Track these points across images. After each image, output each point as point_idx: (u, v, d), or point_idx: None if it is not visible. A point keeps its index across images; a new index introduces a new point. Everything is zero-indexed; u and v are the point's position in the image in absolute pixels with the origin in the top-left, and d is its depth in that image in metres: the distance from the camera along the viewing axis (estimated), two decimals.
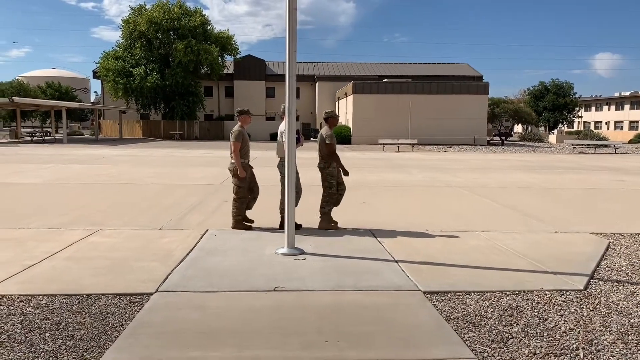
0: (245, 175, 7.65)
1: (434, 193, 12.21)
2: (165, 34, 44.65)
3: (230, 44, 47.48)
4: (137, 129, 47.38)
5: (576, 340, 3.95)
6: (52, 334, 3.95)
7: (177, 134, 45.30)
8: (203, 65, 45.36)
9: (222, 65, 47.73)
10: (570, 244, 7.19)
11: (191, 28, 44.14)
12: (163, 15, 43.54)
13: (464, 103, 40.27)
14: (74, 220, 8.28)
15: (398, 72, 57.51)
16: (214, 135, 46.46)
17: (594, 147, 35.47)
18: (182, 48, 42.62)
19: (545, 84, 65.33)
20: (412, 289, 5.07)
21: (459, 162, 22.24)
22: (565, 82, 64.37)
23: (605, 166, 21.42)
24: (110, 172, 15.91)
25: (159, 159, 21.51)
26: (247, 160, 7.82)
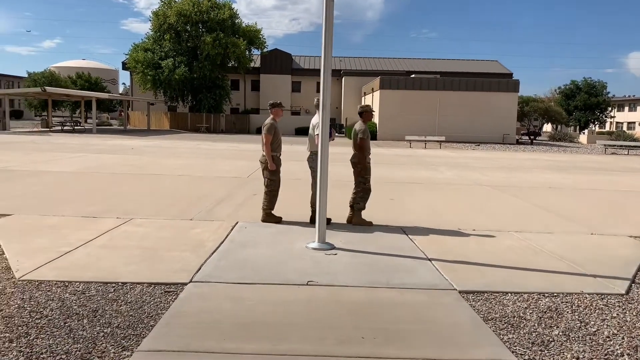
0: (276, 168, 7.62)
1: (464, 191, 12.04)
2: (194, 27, 44.95)
3: (258, 37, 47.59)
4: (164, 121, 47.88)
5: (620, 346, 3.83)
6: (90, 320, 3.98)
7: (204, 127, 45.65)
8: (230, 59, 45.57)
9: (249, 58, 47.87)
10: (607, 246, 7.00)
11: (219, 21, 44.36)
12: (192, 8, 43.82)
13: (493, 101, 39.68)
14: (106, 209, 8.37)
15: (426, 68, 56.96)
16: (239, 128, 46.71)
17: (627, 148, 34.63)
18: (210, 41, 42.87)
19: (577, 83, 64.02)
20: (447, 288, 4.98)
21: (488, 161, 21.92)
22: (598, 81, 63.06)
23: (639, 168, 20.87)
24: (139, 162, 16.09)
25: (186, 151, 21.68)
26: (278, 154, 7.74)
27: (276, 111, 7.80)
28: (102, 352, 3.48)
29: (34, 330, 3.76)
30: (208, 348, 3.52)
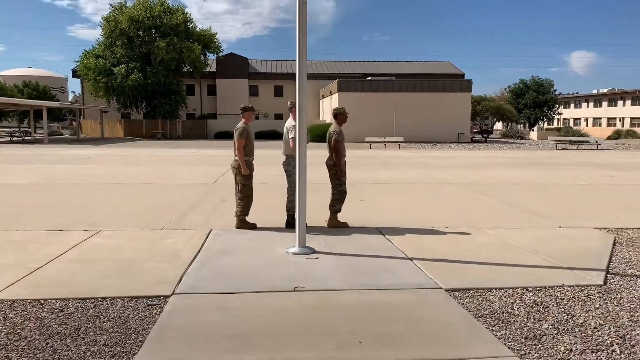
0: (250, 173, 7.49)
1: (430, 190, 12.20)
2: (147, 32, 44.05)
3: (213, 42, 47.04)
4: (118, 129, 46.68)
5: (609, 336, 3.93)
6: (74, 339, 3.79)
7: (160, 134, 44.71)
8: (185, 64, 44.88)
9: (205, 63, 47.30)
10: (577, 239, 7.21)
11: (173, 26, 43.61)
12: (144, 13, 42.92)
13: (448, 101, 40.49)
14: (72, 221, 8.05)
15: (381, 70, 57.61)
16: (197, 134, 45.98)
17: (577, 144, 35.95)
18: (164, 46, 42.11)
19: (525, 82, 66.06)
20: (433, 286, 5.00)
21: (448, 160, 22.32)
22: (545, 79, 65.23)
23: (592, 162, 21.68)
24: (98, 172, 15.59)
25: (145, 159, 21.18)
26: (251, 158, 7.59)
27: (248, 115, 7.61)
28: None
29: (15, 354, 3.55)
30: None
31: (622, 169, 18.16)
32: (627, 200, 10.85)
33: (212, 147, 31.08)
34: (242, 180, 7.50)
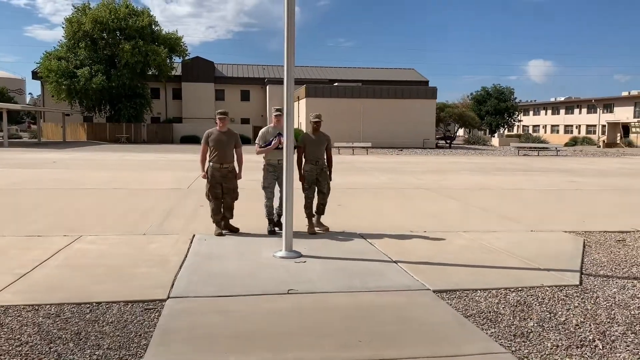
0: (206, 176, 7.56)
1: (403, 195, 12.47)
2: (111, 34, 43.28)
3: (179, 45, 46.63)
4: (81, 132, 45.65)
5: (590, 332, 4.18)
6: (76, 344, 3.81)
7: (124, 137, 43.96)
8: (151, 67, 44.32)
9: (171, 67, 46.81)
10: (549, 241, 7.54)
11: (138, 28, 43.02)
12: (109, 15, 42.21)
13: (413, 107, 41.17)
14: (49, 226, 7.94)
15: (347, 77, 58.09)
16: (162, 138, 45.40)
17: (537, 150, 37.10)
18: (130, 49, 41.50)
19: (487, 89, 67.65)
20: (421, 288, 5.19)
21: (415, 165, 22.75)
22: (506, 87, 66.97)
23: (553, 168, 22.46)
24: (67, 176, 15.30)
25: (114, 163, 20.85)
26: (218, 164, 7.46)
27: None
28: None
29: (19, 359, 3.55)
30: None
31: (583, 175, 18.89)
32: (591, 205, 11.35)
33: (180, 151, 30.80)
34: (206, 184, 7.64)
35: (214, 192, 7.54)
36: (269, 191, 7.63)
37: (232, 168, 7.62)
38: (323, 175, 7.85)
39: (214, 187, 7.52)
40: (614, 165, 25.31)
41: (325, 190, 7.90)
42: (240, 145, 7.77)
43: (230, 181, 7.59)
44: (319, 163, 7.79)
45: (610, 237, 7.92)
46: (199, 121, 52.44)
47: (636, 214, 10.11)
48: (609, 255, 6.81)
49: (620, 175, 19.12)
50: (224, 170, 7.49)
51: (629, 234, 8.18)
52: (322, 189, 7.87)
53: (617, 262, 6.44)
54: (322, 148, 7.85)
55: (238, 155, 7.70)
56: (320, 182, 7.85)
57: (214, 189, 7.53)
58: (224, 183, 7.53)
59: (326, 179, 7.91)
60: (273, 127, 7.63)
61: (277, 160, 7.49)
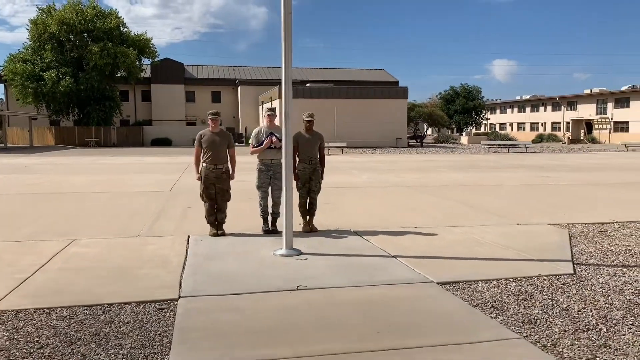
0: (199, 178, 7.59)
1: (387, 193, 12.66)
2: (78, 36, 42.50)
3: (149, 46, 46.09)
4: (48, 137, 44.65)
5: (593, 317, 4.39)
6: (98, 344, 3.81)
7: (93, 141, 43.19)
8: (120, 69, 43.67)
9: (140, 68, 46.19)
10: (537, 234, 7.80)
11: (106, 30, 42.36)
12: (75, 17, 41.43)
13: (386, 107, 41.62)
14: (38, 231, 7.83)
15: (319, 77, 58.21)
16: (132, 141, 44.78)
17: (507, 147, 37.94)
18: (98, 51, 40.81)
19: (455, 89, 68.76)
20: (425, 281, 5.34)
21: (392, 164, 23.04)
22: (473, 86, 68.19)
23: (525, 164, 23.04)
24: (43, 181, 15.00)
25: (88, 167, 20.51)
26: (212, 165, 7.46)
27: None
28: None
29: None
30: (244, 357, 3.54)
31: (554, 171, 19.45)
32: (567, 199, 11.74)
33: (153, 154, 30.43)
34: (228, 187, 7.67)
35: (208, 192, 7.52)
36: (262, 190, 7.66)
37: (226, 169, 7.59)
38: (316, 174, 7.91)
39: (207, 188, 7.51)
40: (582, 160, 26.11)
41: (315, 189, 7.95)
42: (233, 145, 7.76)
43: (224, 182, 7.57)
44: (312, 162, 7.83)
45: (592, 229, 8.23)
46: (169, 123, 51.92)
47: (610, 206, 10.50)
48: (595, 245, 7.09)
49: (589, 170, 19.75)
50: (217, 171, 7.48)
51: (609, 225, 8.51)
52: (312, 187, 7.91)
53: (604, 252, 6.71)
54: (316, 147, 7.90)
55: (231, 156, 7.68)
56: (312, 181, 7.89)
57: (208, 190, 7.51)
58: (217, 184, 7.50)
59: (318, 178, 7.96)
60: (266, 127, 7.68)
61: (271, 160, 7.56)
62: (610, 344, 3.87)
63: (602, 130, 58.65)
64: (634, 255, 6.55)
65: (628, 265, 6.07)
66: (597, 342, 3.89)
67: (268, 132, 7.59)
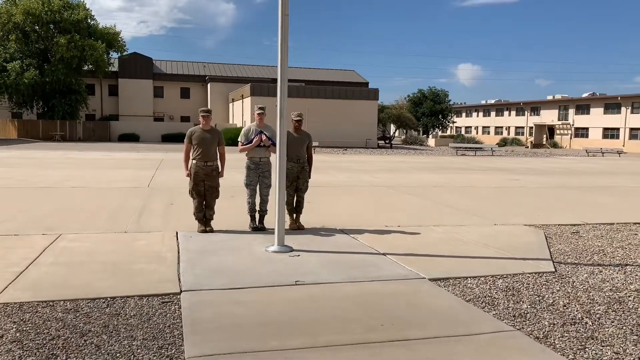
0: (189, 175, 7.57)
1: (367, 192, 12.89)
2: (44, 27, 41.38)
3: (117, 40, 45.27)
4: (10, 130, 43.36)
5: (578, 312, 4.67)
6: (109, 336, 3.87)
7: (58, 135, 42.15)
8: (87, 62, 42.77)
9: (108, 62, 45.30)
10: (515, 234, 8.13)
11: (74, 22, 41.40)
12: (42, 7, 40.32)
13: (357, 108, 42.00)
14: (22, 226, 7.73)
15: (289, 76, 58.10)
16: (99, 136, 43.87)
17: (474, 150, 38.82)
18: (65, 43, 39.86)
19: (423, 92, 69.80)
20: (416, 277, 5.55)
21: (365, 164, 23.33)
22: (441, 90, 69.37)
23: (493, 167, 23.67)
24: (16, 175, 14.67)
25: (58, 162, 20.10)
26: (202, 162, 7.48)
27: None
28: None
29: (60, 351, 3.59)
30: (255, 347, 3.66)
31: (522, 174, 20.07)
32: (538, 201, 12.19)
33: (123, 150, 29.95)
34: (218, 184, 7.72)
35: (197, 189, 7.56)
36: (251, 188, 7.73)
37: (216, 166, 7.64)
38: (303, 173, 8.04)
39: (197, 185, 7.54)
40: (547, 164, 26.97)
41: (303, 188, 8.07)
42: (224, 143, 7.77)
43: (213, 179, 7.62)
44: (300, 161, 7.97)
45: (565, 230, 8.62)
46: (136, 119, 51.13)
47: (579, 209, 10.98)
48: (570, 245, 7.45)
49: (555, 174, 20.46)
50: (207, 169, 7.52)
51: (580, 227, 8.92)
52: (300, 186, 8.03)
53: (579, 252, 7.07)
54: (304, 146, 8.06)
55: (221, 154, 7.72)
56: (300, 180, 8.01)
57: (197, 187, 7.55)
58: (207, 181, 7.55)
59: (306, 177, 8.10)
60: (256, 125, 7.78)
61: (259, 158, 7.67)
62: (597, 336, 4.15)
63: (563, 135, 60.52)
64: (607, 254, 6.93)
65: (603, 264, 6.42)
66: (584, 334, 4.16)
67: (257, 130, 7.69)
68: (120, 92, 53.93)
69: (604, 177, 19.54)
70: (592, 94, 59.29)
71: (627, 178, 19.23)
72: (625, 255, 6.89)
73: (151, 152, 28.38)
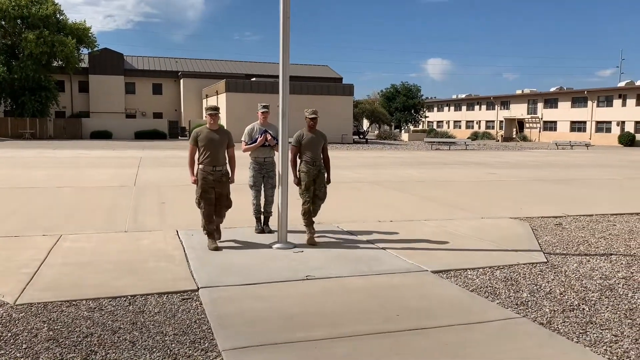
0: (196, 181, 6.73)
1: (352, 188, 13.14)
2: (11, 22, 40.45)
3: (87, 36, 44.49)
4: None
5: (574, 299, 5.01)
6: (141, 332, 4.02)
7: (28, 133, 41.27)
8: (57, 58, 41.95)
9: (79, 58, 44.52)
10: (502, 227, 8.49)
11: (42, 17, 40.56)
12: (9, 2, 39.40)
13: (332, 104, 42.25)
14: (21, 227, 7.74)
15: (263, 72, 58.08)
16: (70, 134, 43.06)
17: (449, 145, 39.53)
18: (34, 39, 39.04)
19: (396, 87, 70.57)
20: (420, 270, 5.82)
21: (345, 160, 23.60)
22: (413, 84, 70.31)
23: (468, 161, 24.23)
24: None
25: (36, 161, 19.81)
26: (210, 167, 6.67)
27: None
28: (187, 356, 3.63)
29: (97, 347, 3.73)
30: (286, 339, 3.87)
31: (498, 168, 20.64)
32: (519, 194, 12.64)
33: (98, 147, 29.59)
34: (228, 191, 6.88)
35: (207, 197, 6.65)
36: (255, 189, 7.52)
37: (226, 171, 6.83)
38: (321, 177, 7.24)
39: (206, 192, 6.64)
40: (520, 158, 27.72)
41: (321, 195, 7.22)
42: (233, 145, 6.96)
43: (224, 186, 6.78)
44: (316, 164, 7.16)
45: (549, 222, 9.02)
46: (108, 115, 50.38)
47: (559, 201, 11.45)
48: (556, 237, 7.84)
49: (529, 167, 21.09)
50: (217, 174, 6.67)
51: (562, 219, 9.34)
52: (318, 193, 7.18)
53: (565, 243, 7.45)
54: (320, 147, 7.31)
55: (230, 157, 6.94)
56: (316, 185, 7.16)
57: (207, 194, 6.65)
58: (217, 188, 6.70)
59: (323, 181, 7.30)
60: (259, 124, 7.70)
61: (264, 158, 7.49)
62: (595, 320, 4.48)
63: (532, 129, 61.95)
64: (592, 245, 7.33)
65: (589, 254, 6.81)
66: (584, 320, 4.49)
67: (262, 129, 7.56)
68: (91, 89, 53.05)
69: (575, 169, 20.25)
70: (559, 88, 60.81)
71: (598, 170, 19.97)
72: (608, 245, 7.31)
73: (127, 149, 28.13)
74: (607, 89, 53.71)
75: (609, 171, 19.77)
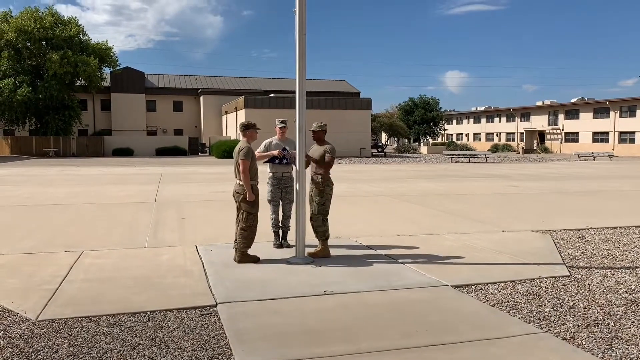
0: (255, 200, 6.80)
1: (371, 202, 13.10)
2: (37, 44, 41.48)
3: (109, 55, 45.42)
4: (4, 146, 43.20)
5: (599, 314, 4.90)
6: (159, 348, 4.04)
7: (52, 151, 42.11)
8: (80, 78, 42.85)
9: (101, 77, 45.42)
10: (524, 240, 8.36)
11: (66, 38, 41.58)
12: (34, 24, 40.48)
13: (350, 118, 42.40)
14: (43, 243, 7.85)
15: (281, 87, 58.55)
16: (93, 151, 43.83)
17: (468, 157, 39.24)
18: (58, 59, 39.96)
19: (414, 100, 70.46)
20: (440, 284, 5.75)
21: (363, 174, 23.57)
22: (431, 97, 70.06)
23: (489, 174, 24.00)
24: (20, 193, 14.75)
25: (60, 179, 20.15)
26: (256, 182, 6.90)
27: (250, 133, 7.13)
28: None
29: None
30: (304, 355, 3.84)
31: (520, 180, 20.39)
32: (540, 206, 12.46)
33: (119, 164, 30.00)
34: (248, 208, 6.72)
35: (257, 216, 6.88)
36: (274, 204, 7.55)
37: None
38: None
39: (257, 210, 6.87)
40: (541, 170, 27.36)
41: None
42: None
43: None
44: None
45: (572, 234, 8.87)
46: (129, 133, 51.17)
47: (582, 213, 11.25)
48: (579, 249, 7.70)
49: (550, 179, 20.80)
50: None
51: (585, 231, 9.18)
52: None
53: (589, 255, 7.31)
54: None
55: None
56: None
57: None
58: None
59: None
60: (278, 139, 7.72)
61: (282, 173, 7.53)
62: (621, 335, 4.37)
63: (554, 140, 61.23)
64: (616, 258, 7.17)
65: (614, 267, 6.66)
66: (609, 335, 4.39)
67: (280, 145, 7.58)
68: (113, 107, 54.00)
69: (599, 181, 19.91)
70: (580, 99, 60.17)
71: (621, 182, 19.61)
72: (633, 258, 7.15)
73: (148, 166, 28.47)
74: (630, 98, 52.85)
75: (632, 182, 19.41)
